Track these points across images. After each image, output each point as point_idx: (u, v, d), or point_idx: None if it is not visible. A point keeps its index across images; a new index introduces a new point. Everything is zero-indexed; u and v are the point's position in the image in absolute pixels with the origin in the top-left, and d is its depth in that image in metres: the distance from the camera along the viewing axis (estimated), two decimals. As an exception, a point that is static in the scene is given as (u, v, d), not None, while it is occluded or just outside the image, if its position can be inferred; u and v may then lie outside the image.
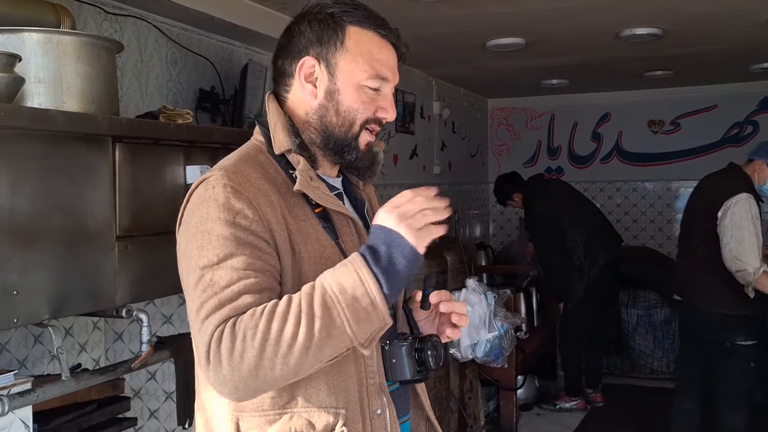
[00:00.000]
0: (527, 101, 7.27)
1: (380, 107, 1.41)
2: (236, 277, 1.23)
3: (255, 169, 1.35)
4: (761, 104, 6.58)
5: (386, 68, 1.41)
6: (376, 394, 1.36)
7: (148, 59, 3.02)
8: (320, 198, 1.36)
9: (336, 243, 1.37)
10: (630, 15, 3.91)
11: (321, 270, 1.26)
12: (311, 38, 1.41)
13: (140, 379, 2.75)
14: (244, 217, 1.27)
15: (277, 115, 1.42)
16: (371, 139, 1.43)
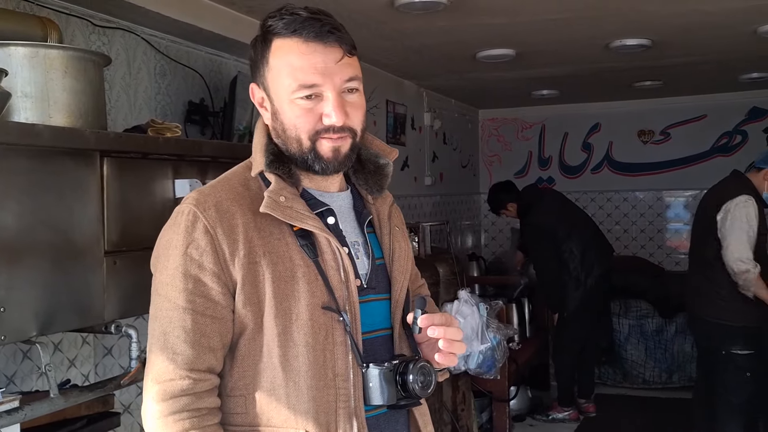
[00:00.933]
0: (518, 112, 7.29)
1: (323, 114, 1.35)
2: (177, 317, 1.31)
3: (234, 188, 1.37)
4: (750, 114, 6.62)
5: (311, 73, 1.33)
6: (346, 418, 1.35)
7: (137, 72, 3.01)
8: (291, 218, 1.34)
9: (314, 261, 1.35)
10: (619, 26, 3.93)
11: (286, 289, 1.32)
12: (253, 63, 1.42)
13: (130, 394, 2.73)
14: (196, 248, 1.31)
15: (259, 135, 1.43)
16: (336, 144, 1.37)
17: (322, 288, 1.35)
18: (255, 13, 3.39)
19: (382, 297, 1.46)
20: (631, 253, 6.91)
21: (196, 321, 1.31)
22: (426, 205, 5.96)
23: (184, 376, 1.29)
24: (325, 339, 1.34)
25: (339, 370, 1.35)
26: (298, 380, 1.33)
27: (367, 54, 4.46)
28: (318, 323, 1.34)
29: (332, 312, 1.35)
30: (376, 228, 1.50)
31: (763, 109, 6.56)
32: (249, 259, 1.32)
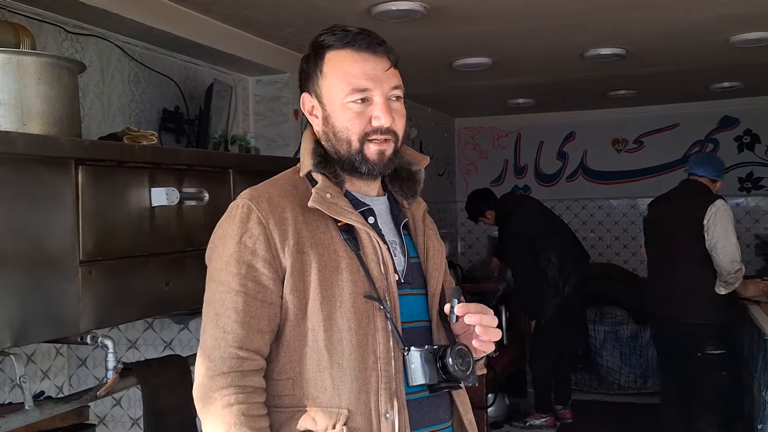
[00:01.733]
0: (494, 120, 7.33)
1: (373, 116, 1.49)
2: (229, 299, 1.43)
3: (283, 187, 1.52)
4: (721, 122, 6.72)
5: (363, 79, 1.48)
6: (387, 399, 1.45)
7: (110, 79, 2.98)
8: (336, 213, 1.47)
9: (356, 254, 1.48)
10: (594, 35, 3.96)
11: (331, 278, 1.44)
12: (304, 75, 1.57)
13: (105, 405, 2.69)
14: (250, 237, 1.44)
15: (307, 140, 1.58)
16: (381, 147, 1.50)
17: (363, 278, 1.46)
18: (231, 20, 3.38)
19: (418, 292, 1.57)
20: (605, 260, 6.97)
21: (247, 303, 1.42)
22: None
23: (233, 354, 1.41)
24: (368, 325, 1.45)
25: (380, 354, 1.45)
26: (342, 362, 1.43)
27: (344, 62, 4.46)
28: (360, 310, 1.45)
29: (373, 300, 1.46)
30: (411, 230, 1.63)
31: (733, 117, 6.65)
32: (297, 248, 1.44)
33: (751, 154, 6.64)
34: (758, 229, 6.39)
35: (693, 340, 3.81)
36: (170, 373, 2.17)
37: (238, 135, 3.56)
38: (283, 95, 4.08)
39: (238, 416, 1.38)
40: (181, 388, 2.17)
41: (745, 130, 6.65)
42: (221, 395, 1.39)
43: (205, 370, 1.42)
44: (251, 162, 2.85)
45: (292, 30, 3.61)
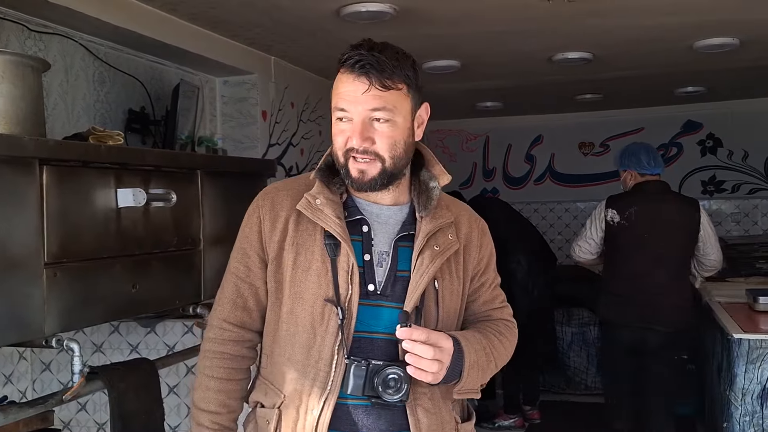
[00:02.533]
0: (462, 123, 7.36)
1: (348, 137, 1.56)
2: (227, 277, 1.69)
3: (296, 186, 1.65)
4: (685, 127, 6.82)
5: (342, 99, 1.55)
6: (317, 397, 1.55)
7: (75, 79, 2.93)
8: (318, 218, 1.57)
9: (331, 260, 1.57)
10: (562, 40, 4.00)
11: (301, 277, 1.57)
12: None
13: (70, 410, 2.65)
14: (248, 226, 1.66)
15: (330, 148, 1.66)
16: (361, 167, 1.56)
17: (329, 283, 1.56)
18: (197, 20, 3.34)
19: (395, 305, 1.59)
20: (573, 262, 6.99)
21: (236, 284, 1.67)
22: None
23: (219, 325, 1.67)
24: (320, 326, 1.56)
25: (324, 356, 1.55)
26: (291, 354, 1.59)
27: (313, 63, 4.44)
28: (317, 312, 1.56)
29: (332, 305, 1.55)
30: (417, 244, 1.61)
31: (697, 122, 6.76)
32: (279, 245, 1.60)
33: (713, 158, 6.75)
34: (720, 231, 6.49)
35: (674, 346, 3.76)
36: (137, 377, 2.14)
37: (205, 136, 3.53)
38: (251, 96, 4.05)
39: (208, 375, 1.66)
40: (149, 391, 2.15)
41: (708, 134, 6.76)
42: (202, 356, 1.68)
43: (207, 330, 1.72)
44: (219, 163, 2.82)
45: (260, 30, 3.58)
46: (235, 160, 3.22)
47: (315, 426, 1.54)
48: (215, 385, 1.65)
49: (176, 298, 2.33)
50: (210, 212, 2.50)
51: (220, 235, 2.55)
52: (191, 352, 2.58)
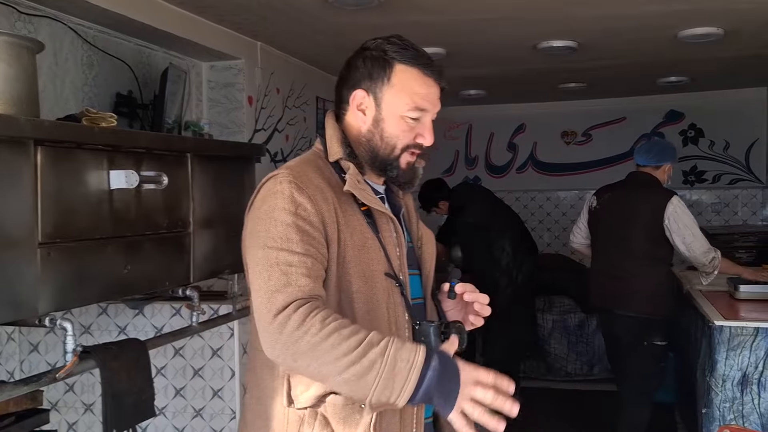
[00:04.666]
0: (445, 111, 7.18)
1: (419, 134, 1.65)
2: (296, 260, 1.48)
3: (315, 170, 1.63)
4: (667, 116, 6.90)
5: (426, 101, 1.64)
6: None
7: (64, 62, 2.93)
8: (365, 198, 1.62)
9: (377, 237, 1.62)
10: (547, 28, 4.04)
11: (361, 256, 1.58)
12: (364, 73, 1.66)
13: (58, 391, 2.66)
14: (304, 210, 1.53)
15: (333, 129, 1.69)
16: (411, 159, 1.67)
17: (383, 258, 1.61)
18: (185, 4, 3.35)
19: (416, 272, 1.75)
20: (553, 250, 7.10)
21: (313, 263, 1.50)
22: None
23: (309, 295, 1.45)
24: (388, 299, 1.61)
25: (400, 324, 1.62)
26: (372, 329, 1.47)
27: (299, 50, 4.45)
28: (384, 286, 1.61)
29: (391, 278, 1.61)
30: (406, 217, 1.80)
31: (679, 112, 6.84)
32: (336, 226, 1.57)
33: (695, 148, 6.83)
34: (701, 221, 6.56)
35: (641, 331, 3.87)
36: (129, 357, 2.15)
37: (191, 121, 3.53)
38: (237, 81, 4.06)
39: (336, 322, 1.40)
40: (140, 371, 2.16)
41: (690, 125, 6.84)
42: (311, 321, 1.40)
43: (284, 319, 1.41)
44: (209, 147, 2.83)
45: (247, 15, 3.59)
46: (225, 144, 3.23)
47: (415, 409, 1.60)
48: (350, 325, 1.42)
49: (166, 280, 2.34)
50: (200, 195, 2.51)
51: (210, 218, 2.56)
52: (180, 333, 2.60)
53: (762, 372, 3.27)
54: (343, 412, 1.53)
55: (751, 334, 3.28)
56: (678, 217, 3.81)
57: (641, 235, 3.91)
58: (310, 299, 1.44)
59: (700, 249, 3.81)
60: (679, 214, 3.82)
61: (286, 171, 1.59)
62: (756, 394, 3.29)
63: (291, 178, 1.56)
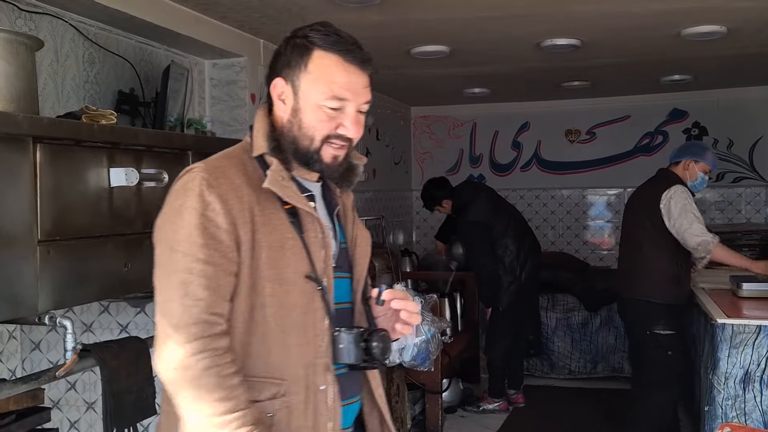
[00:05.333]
0: (450, 110, 7.38)
1: (341, 125, 1.56)
2: (197, 269, 1.44)
3: (235, 165, 1.55)
4: (671, 115, 6.87)
5: (345, 89, 1.55)
6: (321, 372, 1.55)
7: (65, 59, 2.92)
8: (287, 196, 1.54)
9: (300, 237, 1.54)
10: (550, 26, 4.02)
11: (279, 257, 1.51)
12: (285, 61, 1.59)
13: (60, 389, 2.65)
14: (212, 210, 1.46)
15: (261, 122, 1.61)
16: (336, 152, 1.58)
17: (305, 260, 1.54)
18: (188, 2, 3.34)
19: (345, 275, 1.67)
20: (557, 249, 7.09)
21: (215, 272, 1.46)
22: (359, 200, 5.97)
23: (204, 320, 1.44)
24: (308, 303, 1.54)
25: (318, 331, 1.55)
26: (285, 338, 1.51)
27: (302, 47, 4.44)
28: (303, 289, 1.54)
29: (312, 281, 1.54)
30: (341, 217, 1.72)
31: (682, 110, 6.81)
32: (251, 227, 1.50)
33: (698, 146, 6.80)
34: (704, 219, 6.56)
35: (644, 318, 3.96)
36: (129, 355, 2.15)
37: (193, 119, 3.53)
38: (240, 79, 4.05)
39: (216, 377, 1.41)
40: (140, 369, 2.16)
41: (694, 123, 6.81)
42: (197, 359, 1.41)
43: (178, 337, 1.42)
44: (209, 144, 2.82)
45: (249, 13, 3.58)
46: (226, 141, 3.21)
47: (327, 401, 1.55)
48: (226, 383, 1.43)
49: (167, 278, 2.34)
50: (201, 193, 2.50)
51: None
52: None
53: (764, 370, 3.26)
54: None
55: (754, 332, 3.27)
56: (673, 204, 3.89)
57: (645, 223, 4.02)
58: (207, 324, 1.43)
59: (693, 237, 3.85)
60: (675, 200, 3.89)
61: (201, 166, 1.52)
62: (758, 391, 3.28)
63: (204, 175, 1.49)
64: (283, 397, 1.50)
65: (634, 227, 4.15)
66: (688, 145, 4.32)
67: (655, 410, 3.97)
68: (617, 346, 5.90)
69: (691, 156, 4.07)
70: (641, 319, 3.98)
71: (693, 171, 4.04)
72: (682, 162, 4.07)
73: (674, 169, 4.10)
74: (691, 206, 3.90)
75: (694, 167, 4.04)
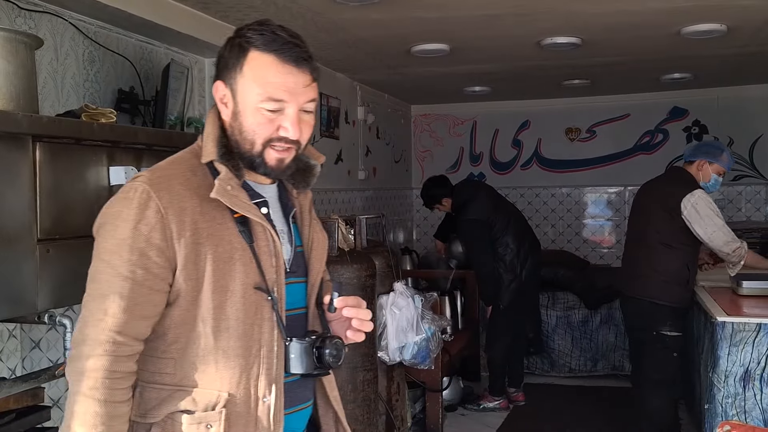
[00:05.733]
0: (450, 108, 7.38)
1: (281, 126, 1.51)
2: (117, 284, 1.41)
3: (183, 173, 1.50)
4: (671, 113, 6.87)
5: (281, 90, 1.49)
6: (266, 384, 1.52)
7: (64, 58, 2.92)
8: (236, 205, 1.49)
9: (250, 247, 1.51)
10: (551, 24, 4.02)
11: (225, 269, 1.47)
12: (224, 63, 1.55)
13: (59, 388, 2.65)
14: (146, 224, 1.43)
15: (211, 126, 1.56)
16: (281, 155, 1.53)
17: (255, 270, 1.51)
18: (188, 1, 3.34)
19: (300, 280, 1.65)
20: (558, 247, 7.09)
21: (133, 290, 1.42)
22: (359, 199, 5.97)
23: (111, 338, 1.41)
24: (255, 315, 1.51)
25: (264, 343, 1.52)
26: (227, 349, 1.49)
27: (302, 46, 4.44)
28: (249, 301, 1.50)
29: (262, 291, 1.51)
30: (298, 219, 1.69)
31: (682, 108, 6.81)
32: (193, 239, 1.45)
33: (699, 145, 6.80)
34: (704, 217, 6.57)
35: (649, 318, 3.93)
36: (129, 354, 2.14)
37: (194, 117, 3.52)
38: (240, 78, 4.04)
39: (102, 399, 1.40)
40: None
41: (694, 121, 6.81)
42: (90, 375, 1.40)
43: (85, 348, 1.41)
44: (210, 143, 2.82)
45: (250, 11, 3.58)
46: (225, 140, 3.22)
47: (270, 413, 1.52)
48: (109, 410, 1.41)
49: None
50: (201, 192, 2.50)
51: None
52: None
53: (764, 368, 3.26)
54: (189, 430, 1.47)
55: (754, 330, 3.27)
56: (698, 209, 3.83)
57: (659, 224, 3.96)
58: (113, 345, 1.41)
59: (722, 239, 3.82)
60: (699, 207, 3.83)
61: (146, 175, 1.48)
62: (758, 389, 3.27)
63: (146, 187, 1.45)
64: (224, 408, 1.48)
65: (647, 226, 4.04)
66: (702, 144, 4.24)
67: (656, 409, 3.97)
68: (617, 344, 5.91)
69: (705, 156, 3.98)
70: (646, 319, 3.94)
71: (707, 172, 3.97)
72: (696, 162, 3.99)
73: (688, 169, 4.02)
74: (716, 211, 3.86)
75: (707, 168, 3.97)
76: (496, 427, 4.95)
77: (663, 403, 3.96)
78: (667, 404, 3.99)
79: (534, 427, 4.94)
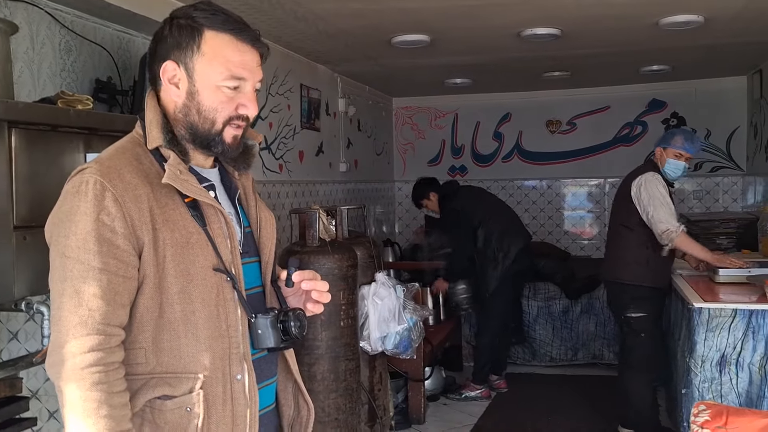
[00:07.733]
0: (431, 100, 7.39)
1: (240, 104, 1.55)
2: (92, 276, 1.41)
3: (129, 162, 1.50)
4: (650, 105, 6.92)
5: (242, 68, 1.53)
6: (237, 362, 1.55)
7: (41, 47, 2.89)
8: (188, 190, 1.50)
9: (204, 230, 1.52)
10: (531, 14, 4.04)
11: (184, 253, 1.49)
12: (172, 43, 1.54)
13: (38, 379, 2.64)
14: (107, 214, 1.43)
15: (153, 112, 1.56)
16: (236, 132, 1.56)
17: (211, 253, 1.52)
18: (166, -10, 3.32)
19: (253, 260, 1.68)
20: (539, 239, 7.12)
21: (110, 280, 1.42)
22: (340, 191, 5.97)
23: (101, 331, 1.41)
24: (218, 296, 1.53)
25: (231, 322, 1.54)
26: (196, 332, 1.50)
27: (282, 37, 4.43)
28: (210, 283, 1.52)
29: (221, 273, 1.53)
30: (243, 200, 1.71)
31: (661, 101, 6.86)
32: (152, 225, 1.47)
33: (677, 136, 6.86)
34: (682, 208, 6.63)
35: (617, 301, 4.21)
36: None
37: (173, 107, 3.51)
38: (220, 69, 4.02)
39: (104, 393, 1.40)
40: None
41: (672, 113, 6.86)
42: (89, 372, 1.39)
43: (72, 348, 1.40)
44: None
45: (228, 0, 3.56)
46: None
47: (246, 390, 1.55)
48: (121, 399, 1.43)
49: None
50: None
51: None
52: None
53: (740, 353, 3.31)
54: (170, 415, 1.48)
55: (730, 315, 3.31)
56: (642, 191, 4.06)
57: (621, 210, 4.24)
58: (103, 336, 1.41)
59: (659, 224, 3.98)
60: (644, 188, 4.05)
61: (94, 167, 1.46)
62: (734, 374, 3.32)
63: (97, 177, 1.43)
64: (201, 390, 1.50)
65: (613, 213, 4.37)
66: (668, 133, 4.43)
67: (631, 392, 4.11)
68: (597, 333, 5.97)
69: (661, 143, 4.23)
70: (615, 302, 4.21)
71: (662, 157, 4.17)
72: (656, 150, 4.23)
73: (654, 158, 4.25)
74: (659, 193, 4.01)
75: (662, 153, 4.17)
76: (478, 416, 4.98)
77: (637, 387, 4.08)
78: (641, 388, 4.08)
79: (515, 415, 4.98)
